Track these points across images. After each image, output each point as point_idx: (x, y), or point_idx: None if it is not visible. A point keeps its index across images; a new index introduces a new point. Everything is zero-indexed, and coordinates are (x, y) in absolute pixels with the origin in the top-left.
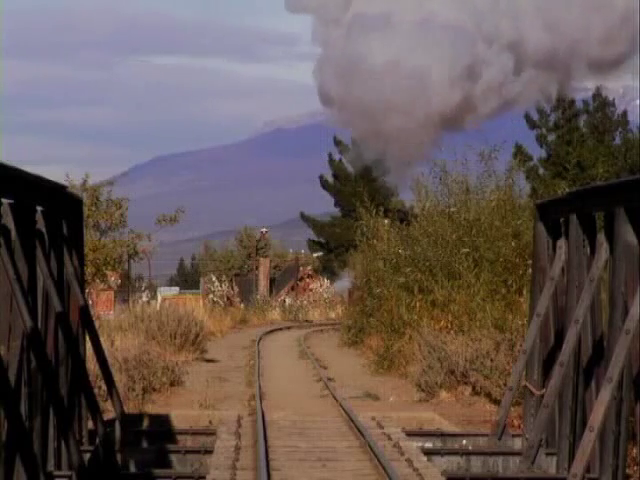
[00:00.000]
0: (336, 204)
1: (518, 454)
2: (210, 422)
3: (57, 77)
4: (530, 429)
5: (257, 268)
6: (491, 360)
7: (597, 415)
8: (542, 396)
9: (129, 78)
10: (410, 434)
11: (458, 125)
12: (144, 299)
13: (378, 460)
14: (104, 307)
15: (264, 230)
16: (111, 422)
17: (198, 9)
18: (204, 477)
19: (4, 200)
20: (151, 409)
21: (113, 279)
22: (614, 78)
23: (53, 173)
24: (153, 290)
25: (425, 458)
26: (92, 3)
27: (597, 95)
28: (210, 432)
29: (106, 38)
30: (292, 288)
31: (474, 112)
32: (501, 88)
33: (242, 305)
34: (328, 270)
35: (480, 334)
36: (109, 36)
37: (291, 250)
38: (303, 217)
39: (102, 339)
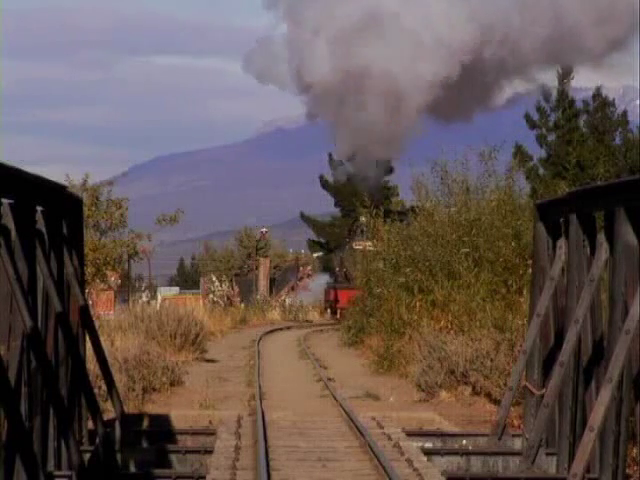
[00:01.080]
0: (336, 204)
1: (518, 454)
2: (210, 422)
3: (57, 77)
4: (530, 429)
5: (257, 268)
6: (491, 360)
7: (597, 415)
8: (542, 396)
9: (129, 78)
10: (410, 434)
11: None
12: (144, 299)
13: (378, 460)
14: (104, 307)
15: (264, 230)
16: (111, 422)
17: (199, 9)
18: (204, 477)
19: (4, 200)
20: (151, 409)
21: (113, 279)
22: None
23: (53, 173)
24: (153, 290)
25: (425, 458)
26: (92, 3)
27: (597, 95)
28: (210, 432)
29: (106, 38)
30: (292, 288)
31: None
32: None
33: (242, 305)
34: (327, 270)
35: (480, 334)
36: (109, 36)
37: (291, 250)
38: (303, 217)
39: (102, 339)
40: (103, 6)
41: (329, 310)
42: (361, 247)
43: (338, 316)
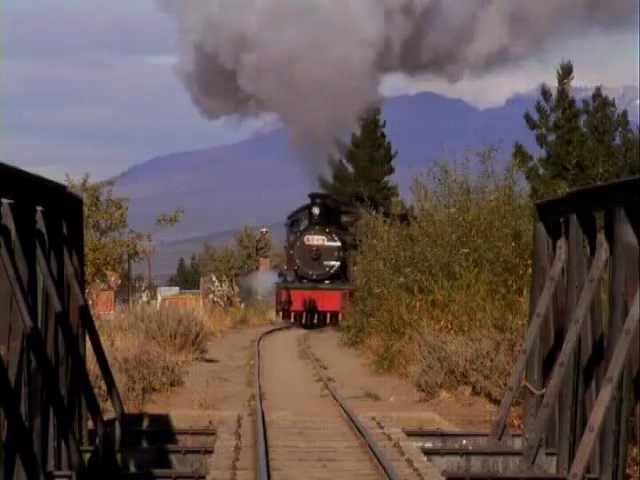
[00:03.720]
0: None
1: (518, 454)
2: (210, 422)
3: (57, 77)
4: (530, 429)
5: (257, 268)
6: (491, 360)
7: (597, 415)
8: (542, 396)
9: (129, 78)
10: (410, 434)
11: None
12: (144, 299)
13: (378, 460)
14: (104, 307)
15: (264, 230)
16: (111, 422)
17: None
18: (204, 477)
19: (4, 200)
20: (151, 409)
21: (113, 279)
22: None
23: (53, 173)
24: (153, 290)
25: (425, 458)
26: (92, 3)
27: (597, 95)
28: (210, 432)
29: (106, 38)
30: None
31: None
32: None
33: (242, 305)
34: None
35: (480, 334)
36: (109, 36)
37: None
38: None
39: (102, 339)
40: (103, 6)
41: (281, 314)
42: (315, 242)
43: (292, 320)
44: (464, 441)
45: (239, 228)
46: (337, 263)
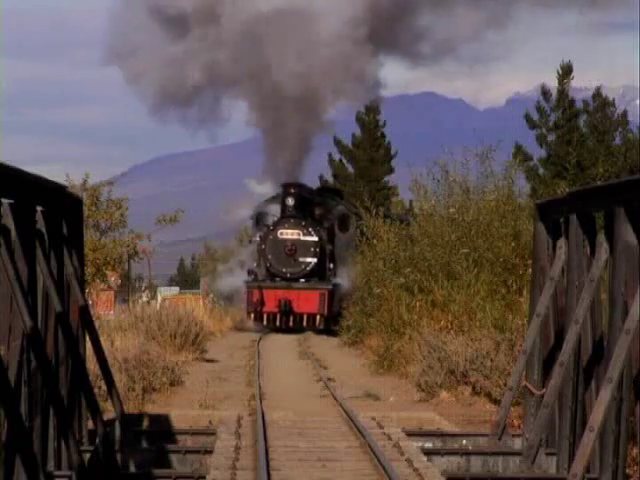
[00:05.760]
0: None
1: (518, 454)
2: (210, 422)
3: (56, 77)
4: (530, 429)
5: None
6: (491, 360)
7: (597, 415)
8: (542, 396)
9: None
10: (410, 434)
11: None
12: (144, 299)
13: (378, 460)
14: (104, 307)
15: None
16: (111, 422)
17: None
18: (204, 477)
19: (4, 200)
20: (151, 409)
21: (113, 279)
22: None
23: (53, 173)
24: (153, 290)
25: (425, 458)
26: (92, 1)
27: (597, 95)
28: (210, 432)
29: (105, 37)
30: None
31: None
32: None
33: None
34: None
35: (480, 334)
36: (108, 35)
37: None
38: None
39: (102, 339)
40: (102, 5)
41: (252, 316)
42: (289, 237)
43: (265, 322)
44: (464, 441)
45: (239, 228)
46: (314, 260)
